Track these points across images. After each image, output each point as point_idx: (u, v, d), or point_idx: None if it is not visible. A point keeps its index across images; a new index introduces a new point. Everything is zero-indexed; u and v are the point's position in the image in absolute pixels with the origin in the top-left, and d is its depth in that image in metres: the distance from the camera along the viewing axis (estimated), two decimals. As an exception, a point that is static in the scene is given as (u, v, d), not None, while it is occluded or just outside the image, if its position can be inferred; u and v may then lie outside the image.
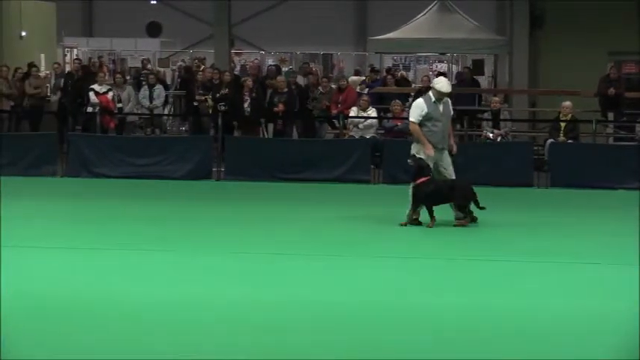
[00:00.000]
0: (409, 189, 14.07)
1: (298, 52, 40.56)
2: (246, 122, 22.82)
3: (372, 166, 19.95)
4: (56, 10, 31.39)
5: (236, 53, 38.25)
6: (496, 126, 21.27)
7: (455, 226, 13.96)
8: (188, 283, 10.41)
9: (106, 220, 14.73)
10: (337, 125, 22.11)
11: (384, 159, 19.87)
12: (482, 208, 14.01)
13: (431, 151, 14.01)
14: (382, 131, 21.79)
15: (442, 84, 14.23)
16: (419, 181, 13.88)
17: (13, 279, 10.42)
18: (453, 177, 14.26)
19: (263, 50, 41.89)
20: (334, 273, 11.08)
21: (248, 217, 15.14)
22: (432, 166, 14.10)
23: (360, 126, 21.38)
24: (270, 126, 23.60)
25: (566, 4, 26.73)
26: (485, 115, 22.43)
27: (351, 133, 21.39)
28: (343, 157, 19.68)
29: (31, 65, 25.39)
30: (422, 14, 29.47)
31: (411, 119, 14.33)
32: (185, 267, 11.27)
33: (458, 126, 23.96)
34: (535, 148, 20.58)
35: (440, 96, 14.19)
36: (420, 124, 14.17)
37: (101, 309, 9.19)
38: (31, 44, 28.79)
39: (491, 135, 21.02)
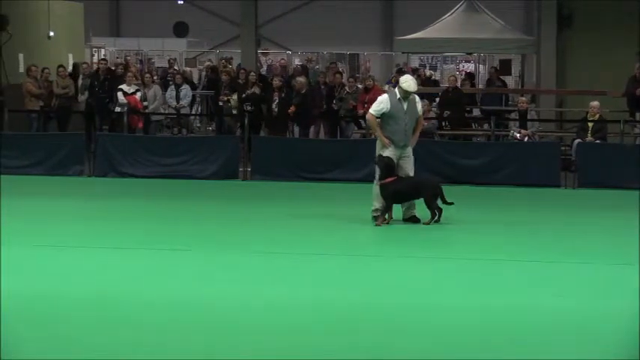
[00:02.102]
0: (374, 187, 14.38)
1: (325, 52, 40.57)
2: (274, 122, 22.85)
3: (399, 166, 19.88)
4: (84, 10, 31.51)
5: (263, 53, 38.31)
6: (523, 126, 21.19)
7: (424, 223, 14.19)
8: (214, 282, 10.43)
9: (133, 219, 14.79)
10: (364, 125, 22.07)
11: (411, 159, 19.82)
12: (450, 204, 14.27)
13: (387, 144, 14.28)
14: (409, 131, 21.70)
15: (409, 83, 14.39)
16: (387, 181, 14.14)
17: (39, 278, 10.50)
18: (412, 175, 14.50)
19: (289, 50, 41.93)
20: (359, 273, 11.10)
21: (274, 216, 15.15)
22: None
23: (387, 126, 21.33)
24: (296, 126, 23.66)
25: (594, 4, 26.58)
26: (513, 115, 22.35)
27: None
28: (370, 157, 19.50)
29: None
30: (449, 14, 29.43)
31: (370, 111, 14.61)
32: (211, 266, 11.30)
33: (485, 126, 23.95)
34: (562, 148, 20.49)
35: (405, 94, 14.38)
36: (382, 120, 14.40)
37: (128, 308, 9.23)
38: (59, 44, 28.89)
39: (518, 135, 20.93)
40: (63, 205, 16.33)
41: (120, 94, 22.62)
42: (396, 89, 14.65)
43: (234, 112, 23.68)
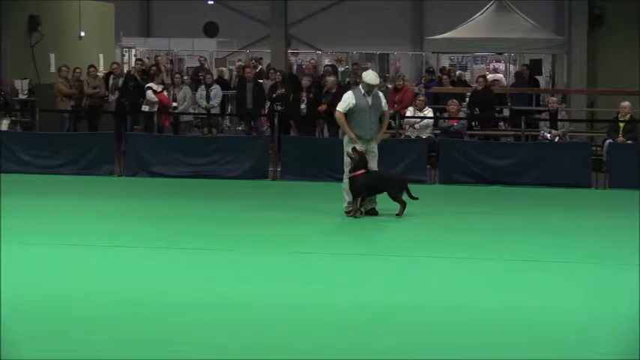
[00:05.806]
0: (344, 181, 14.90)
1: (354, 52, 40.55)
2: (303, 122, 22.87)
3: (428, 166, 19.89)
4: (114, 11, 31.68)
5: (292, 53, 38.31)
6: (554, 126, 21.11)
7: (397, 215, 14.73)
8: (246, 282, 10.43)
9: (162, 219, 14.83)
10: (393, 125, 22.04)
11: (440, 159, 19.82)
12: (415, 199, 14.82)
13: (355, 139, 14.76)
14: (438, 131, 21.73)
15: (370, 76, 14.92)
16: (356, 174, 14.70)
17: (66, 277, 10.56)
18: (375, 169, 15.06)
19: (319, 50, 41.94)
20: (390, 274, 11.10)
21: (304, 216, 15.16)
22: None
23: (416, 126, 21.34)
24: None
25: (625, 4, 26.43)
26: (543, 115, 22.28)
27: (407, 133, 21.36)
28: (399, 156, 19.60)
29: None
30: (479, 14, 29.32)
31: (337, 109, 15.07)
32: (242, 266, 11.32)
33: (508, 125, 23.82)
34: (593, 148, 20.39)
35: (369, 88, 14.87)
36: (349, 116, 14.87)
37: (160, 309, 9.27)
38: (90, 44, 29.08)
39: (548, 135, 20.87)
40: (93, 205, 16.38)
41: (150, 92, 22.68)
42: (360, 85, 15.08)
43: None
